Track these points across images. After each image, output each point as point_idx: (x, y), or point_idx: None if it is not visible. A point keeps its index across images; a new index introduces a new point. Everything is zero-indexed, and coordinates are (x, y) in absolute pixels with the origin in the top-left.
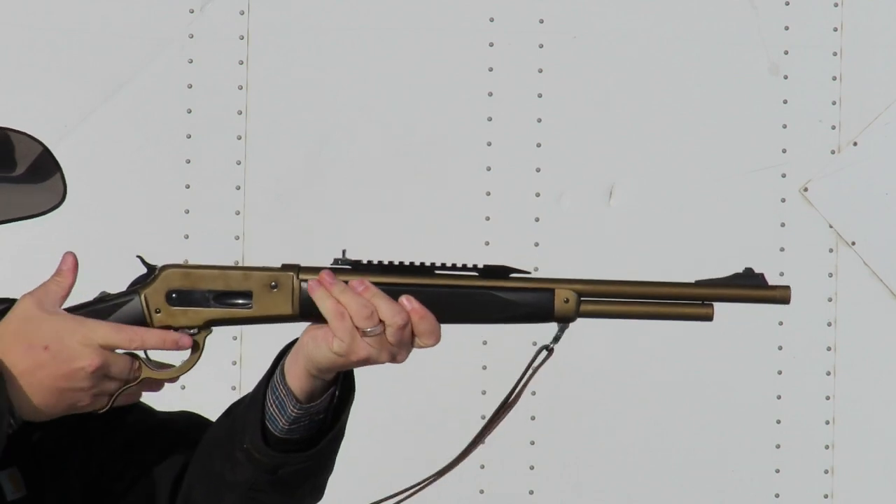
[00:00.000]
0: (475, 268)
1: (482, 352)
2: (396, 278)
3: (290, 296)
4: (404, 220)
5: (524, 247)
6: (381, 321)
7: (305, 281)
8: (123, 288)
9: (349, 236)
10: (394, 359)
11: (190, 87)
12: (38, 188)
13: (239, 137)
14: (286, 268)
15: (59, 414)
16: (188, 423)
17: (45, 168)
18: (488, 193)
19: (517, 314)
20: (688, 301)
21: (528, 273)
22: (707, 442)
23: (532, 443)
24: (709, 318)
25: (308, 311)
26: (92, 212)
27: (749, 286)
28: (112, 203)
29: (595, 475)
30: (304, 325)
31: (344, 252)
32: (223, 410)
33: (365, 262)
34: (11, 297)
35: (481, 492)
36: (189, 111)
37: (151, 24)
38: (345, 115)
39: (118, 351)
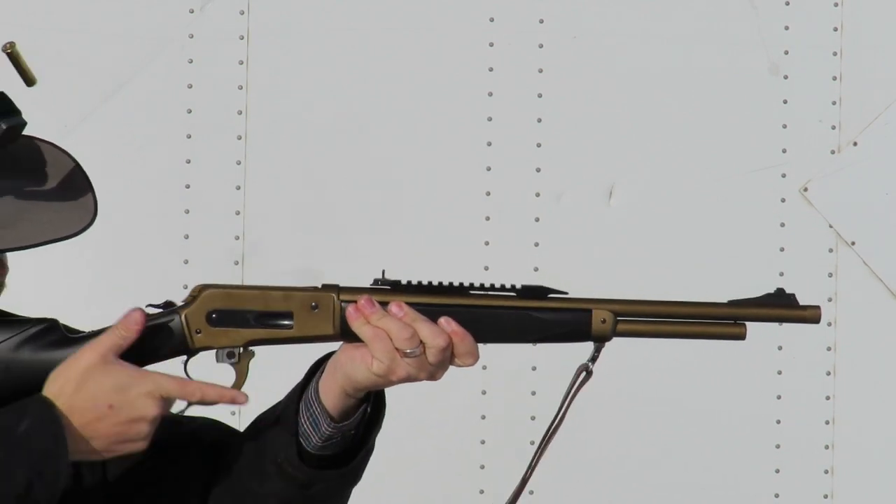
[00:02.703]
0: (513, 288)
1: (482, 351)
2: (436, 299)
3: (331, 316)
4: (404, 219)
5: (524, 247)
6: (421, 342)
7: (346, 301)
8: (126, 287)
9: (349, 236)
10: (432, 377)
11: (190, 87)
12: (67, 207)
13: (239, 137)
14: (326, 288)
15: (111, 457)
16: (214, 433)
17: (76, 186)
18: (488, 193)
19: (554, 334)
20: (721, 320)
21: (566, 293)
22: (707, 442)
23: (532, 443)
24: (741, 337)
25: (349, 331)
26: None
27: (781, 306)
28: (112, 203)
29: (594, 475)
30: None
31: (384, 272)
32: (220, 411)
33: (404, 282)
34: (18, 314)
35: (481, 492)
36: (189, 111)
37: (151, 24)
38: (345, 115)
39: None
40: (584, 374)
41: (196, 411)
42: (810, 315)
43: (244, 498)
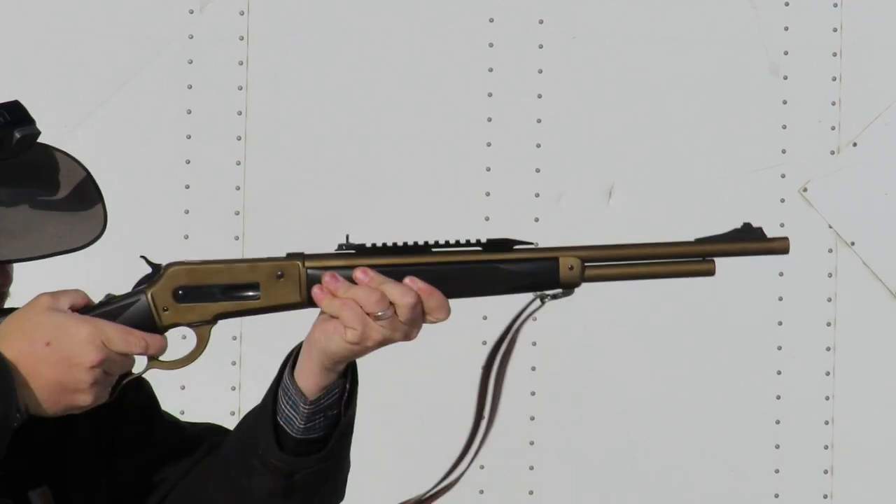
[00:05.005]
0: (478, 242)
1: (482, 352)
2: (402, 259)
3: (298, 284)
4: (404, 220)
5: None
6: (390, 304)
7: (311, 268)
8: (128, 288)
9: (349, 237)
10: (407, 337)
11: (190, 87)
12: (77, 217)
13: (239, 138)
14: (291, 256)
15: (60, 412)
16: (214, 437)
17: (87, 196)
18: (488, 193)
19: (523, 284)
20: (689, 258)
21: (532, 244)
22: (707, 442)
23: (532, 443)
24: (710, 273)
25: None
26: None
27: (748, 239)
28: (112, 203)
29: (594, 475)
30: (311, 315)
31: (347, 237)
32: (219, 411)
33: (369, 245)
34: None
35: (481, 492)
36: (189, 111)
37: (151, 24)
38: (344, 116)
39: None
40: (538, 301)
41: (194, 415)
42: (778, 246)
43: (236, 495)
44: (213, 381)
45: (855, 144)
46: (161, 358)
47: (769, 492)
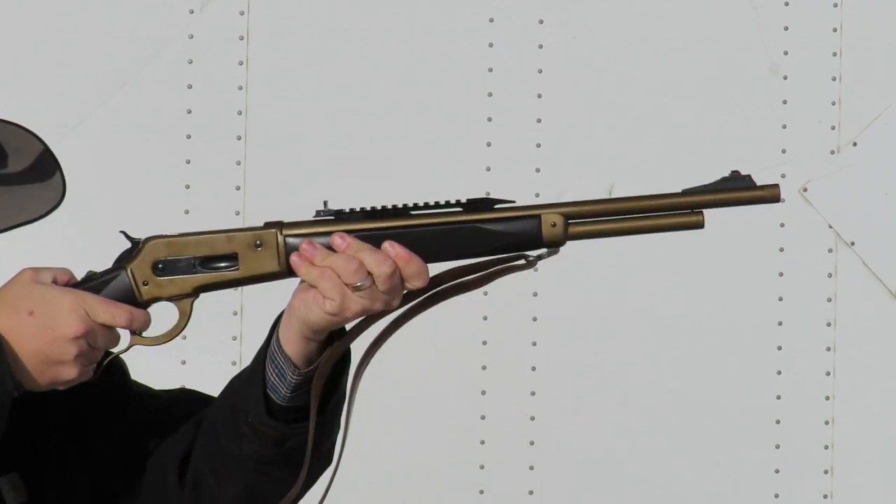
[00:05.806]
0: (458, 203)
1: (480, 350)
2: (381, 223)
3: (276, 253)
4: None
5: None
6: (369, 273)
7: (289, 236)
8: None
9: (327, 202)
10: (388, 306)
11: (190, 87)
12: (36, 188)
13: (239, 137)
14: (269, 225)
15: (45, 385)
16: (189, 402)
17: (43, 168)
18: (488, 194)
19: (506, 245)
20: (676, 211)
21: (513, 202)
22: (707, 442)
23: (532, 443)
24: (699, 225)
25: None
26: (91, 212)
27: (737, 188)
28: (112, 203)
29: (595, 475)
30: (293, 284)
31: (325, 203)
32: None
33: (347, 210)
34: None
35: (481, 492)
36: (189, 111)
37: (151, 24)
38: (345, 116)
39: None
40: (521, 260)
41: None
42: (768, 194)
43: (225, 463)
44: (213, 381)
45: (855, 144)
46: (144, 334)
47: (769, 492)
